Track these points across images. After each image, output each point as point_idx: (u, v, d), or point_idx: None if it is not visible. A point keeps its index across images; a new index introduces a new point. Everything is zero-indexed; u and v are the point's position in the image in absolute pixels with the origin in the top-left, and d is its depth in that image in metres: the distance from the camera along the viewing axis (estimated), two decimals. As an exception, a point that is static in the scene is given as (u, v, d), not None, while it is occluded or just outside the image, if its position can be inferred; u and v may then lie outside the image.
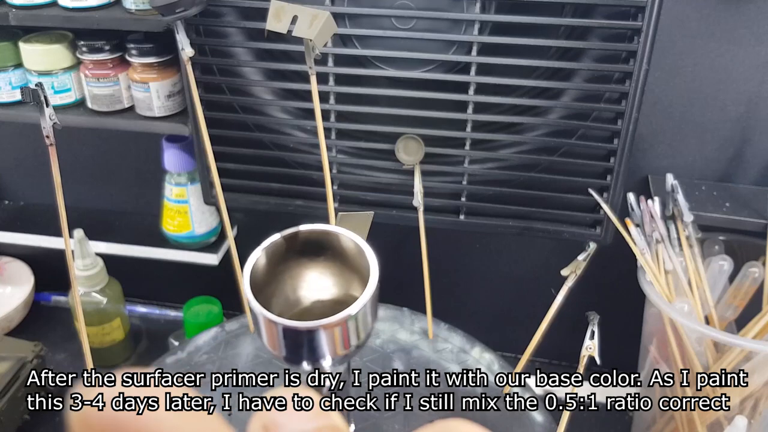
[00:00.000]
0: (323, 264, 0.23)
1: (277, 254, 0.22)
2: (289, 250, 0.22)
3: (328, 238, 0.22)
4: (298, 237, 0.22)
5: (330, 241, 0.22)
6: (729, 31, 0.67)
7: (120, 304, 0.86)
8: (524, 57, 0.64)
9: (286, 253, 0.22)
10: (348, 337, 0.20)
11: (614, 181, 0.68)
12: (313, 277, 0.23)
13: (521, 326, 0.71)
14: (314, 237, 0.22)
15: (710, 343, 0.64)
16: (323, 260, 0.23)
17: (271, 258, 0.22)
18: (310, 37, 0.54)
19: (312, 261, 0.23)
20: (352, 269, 0.22)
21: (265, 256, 0.21)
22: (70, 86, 0.75)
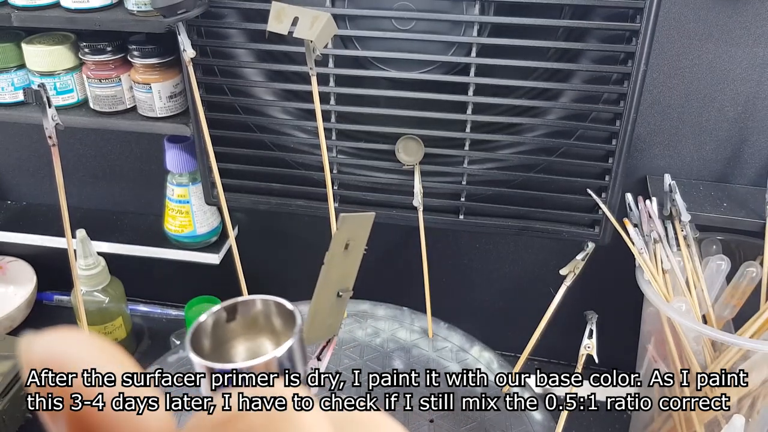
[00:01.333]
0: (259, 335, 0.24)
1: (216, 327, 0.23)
2: (228, 321, 0.24)
3: (260, 308, 0.24)
4: (236, 309, 0.23)
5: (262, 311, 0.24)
6: (726, 33, 0.67)
7: (122, 303, 0.86)
8: (523, 58, 0.65)
9: (225, 325, 0.24)
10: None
11: (612, 182, 0.68)
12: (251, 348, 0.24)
13: (520, 325, 0.71)
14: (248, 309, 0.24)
15: (708, 342, 0.64)
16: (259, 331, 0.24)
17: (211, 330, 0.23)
18: (311, 39, 0.54)
19: (248, 332, 0.24)
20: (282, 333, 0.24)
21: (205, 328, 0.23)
22: (73, 87, 0.75)
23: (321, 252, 0.39)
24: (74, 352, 0.14)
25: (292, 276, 0.89)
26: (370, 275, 0.68)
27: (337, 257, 0.38)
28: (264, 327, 0.23)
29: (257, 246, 0.91)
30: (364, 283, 0.71)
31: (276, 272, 0.92)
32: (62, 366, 0.14)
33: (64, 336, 0.15)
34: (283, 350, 0.20)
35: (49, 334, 0.14)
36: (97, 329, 0.85)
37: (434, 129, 0.69)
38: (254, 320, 0.23)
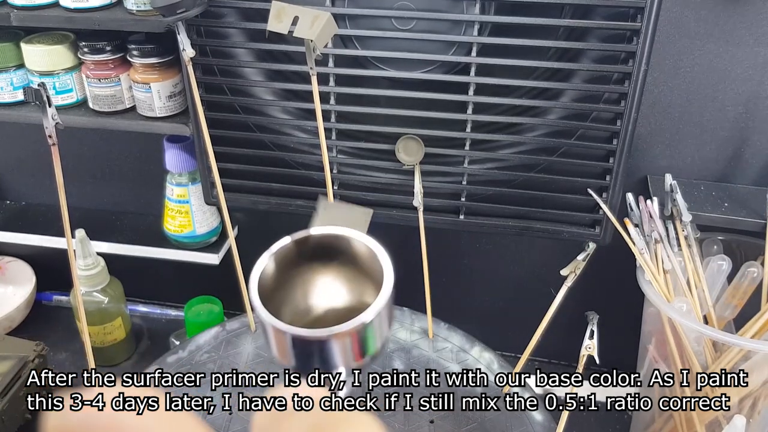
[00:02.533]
0: (335, 269, 0.22)
1: (286, 259, 0.21)
2: (299, 254, 0.21)
3: (340, 242, 0.21)
4: (308, 241, 0.21)
5: (342, 245, 0.21)
6: (728, 32, 0.67)
7: (121, 303, 0.86)
8: (524, 58, 0.65)
9: (296, 258, 0.21)
10: (362, 347, 0.19)
11: (613, 182, 0.68)
12: (325, 284, 0.22)
13: (521, 326, 0.71)
14: (325, 241, 0.21)
15: (709, 342, 0.64)
16: (335, 265, 0.22)
17: (280, 263, 0.21)
18: (311, 38, 0.54)
19: (323, 266, 0.21)
20: (365, 275, 0.21)
21: (273, 261, 0.20)
22: (72, 87, 0.75)
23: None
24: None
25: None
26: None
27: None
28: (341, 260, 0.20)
29: (257, 246, 0.90)
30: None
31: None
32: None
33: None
34: (372, 314, 0.18)
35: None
36: (96, 329, 0.85)
37: (434, 129, 0.69)
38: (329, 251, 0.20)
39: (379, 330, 0.19)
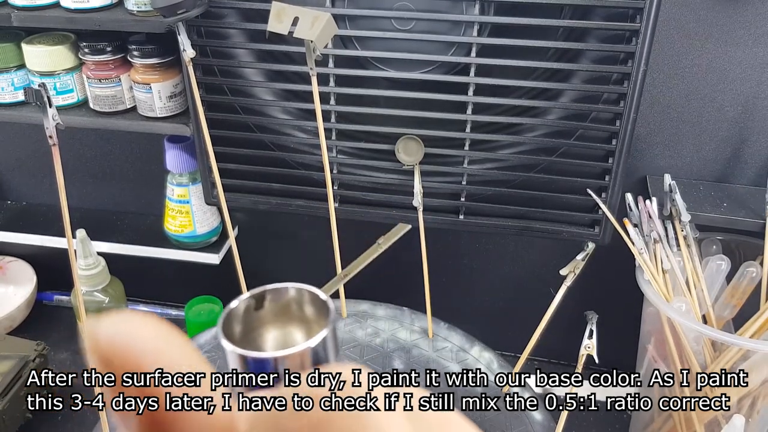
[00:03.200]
0: (289, 323, 0.24)
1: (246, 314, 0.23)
2: (257, 309, 0.23)
3: (291, 296, 0.23)
4: (264, 297, 0.23)
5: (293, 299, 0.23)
6: (726, 33, 0.67)
7: (122, 303, 0.86)
8: (523, 58, 0.65)
9: (254, 314, 0.23)
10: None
11: (612, 182, 0.68)
12: (280, 335, 0.24)
13: (520, 325, 0.71)
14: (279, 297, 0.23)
15: (708, 342, 0.64)
16: (290, 318, 0.24)
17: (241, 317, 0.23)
18: (311, 39, 0.54)
19: (278, 320, 0.24)
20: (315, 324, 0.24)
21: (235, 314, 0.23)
22: (73, 87, 0.75)
23: (321, 252, 0.39)
24: (142, 342, 0.14)
25: (292, 276, 0.89)
26: (370, 275, 0.68)
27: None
28: (294, 316, 0.23)
29: (257, 246, 0.91)
30: (365, 283, 0.71)
31: (276, 272, 0.92)
32: (129, 356, 0.14)
33: (129, 322, 0.14)
34: (317, 340, 0.20)
35: (113, 319, 0.14)
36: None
37: (434, 129, 0.69)
38: (284, 308, 0.23)
39: (326, 359, 0.22)
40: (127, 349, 0.14)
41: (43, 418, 0.79)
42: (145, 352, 0.14)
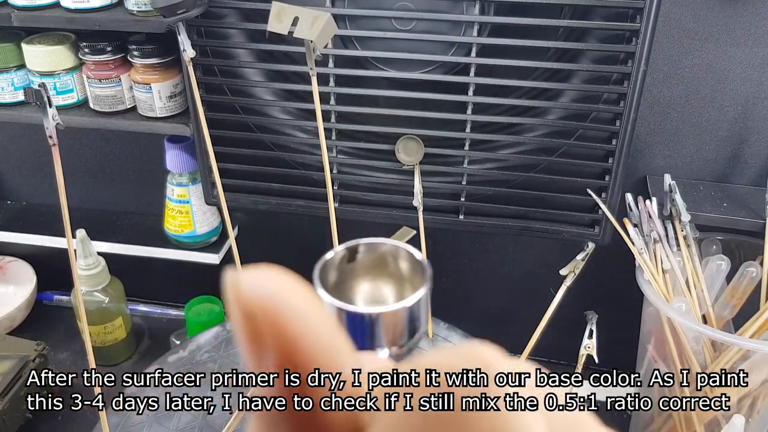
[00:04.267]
0: (380, 277, 0.24)
1: (338, 266, 0.23)
2: (349, 261, 0.24)
3: (385, 251, 0.24)
4: (357, 250, 0.24)
5: (387, 254, 0.24)
6: (726, 33, 0.67)
7: (122, 303, 0.86)
8: (523, 58, 0.65)
9: (346, 266, 0.24)
10: (403, 331, 0.22)
11: (612, 182, 0.68)
12: (370, 289, 0.25)
13: (520, 325, 0.71)
14: (372, 251, 0.24)
15: (708, 342, 0.64)
16: (380, 273, 0.24)
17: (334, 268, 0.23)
18: (311, 39, 0.54)
19: (369, 273, 0.24)
20: (407, 282, 0.24)
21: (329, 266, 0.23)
22: (73, 87, 0.75)
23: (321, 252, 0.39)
24: (284, 300, 0.13)
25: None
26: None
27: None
28: (386, 271, 0.23)
29: (257, 246, 0.91)
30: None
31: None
32: (270, 314, 0.13)
33: (272, 278, 0.13)
34: (414, 300, 0.21)
35: (255, 271, 0.13)
36: (97, 329, 0.85)
37: (434, 129, 0.69)
38: (376, 263, 0.23)
39: (418, 319, 0.22)
40: (269, 306, 0.13)
41: (43, 418, 0.79)
42: (287, 311, 0.13)
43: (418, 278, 0.22)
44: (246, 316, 0.13)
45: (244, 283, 0.13)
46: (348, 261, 0.23)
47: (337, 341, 0.14)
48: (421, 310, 0.21)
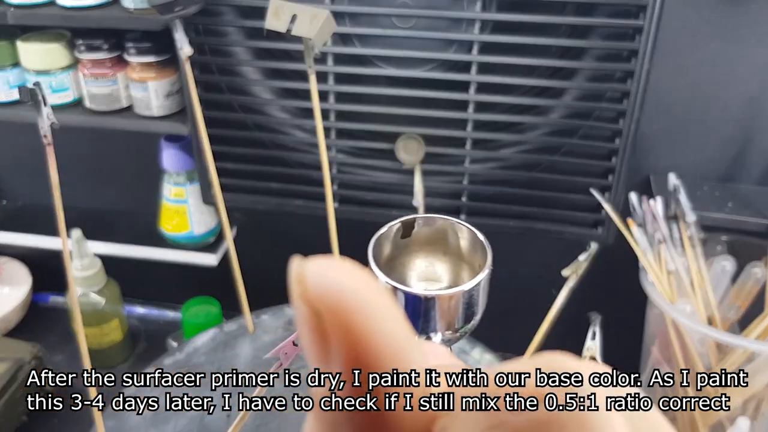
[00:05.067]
0: (435, 253, 0.23)
1: (392, 241, 0.22)
2: (404, 237, 0.23)
3: (443, 227, 0.23)
4: (413, 225, 0.22)
5: (444, 230, 0.23)
6: (731, 31, 0.67)
7: (118, 304, 0.86)
8: (525, 56, 0.64)
9: (400, 240, 0.23)
10: (460, 316, 0.21)
11: (616, 181, 0.67)
12: (424, 266, 0.24)
13: (522, 327, 0.70)
14: (429, 226, 0.23)
15: (713, 344, 0.64)
16: (436, 249, 0.23)
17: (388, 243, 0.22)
18: (310, 36, 0.53)
19: (424, 250, 0.23)
20: (464, 260, 0.23)
21: (383, 240, 0.22)
22: (68, 85, 0.75)
23: (320, 252, 0.38)
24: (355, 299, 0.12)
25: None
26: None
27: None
28: (441, 248, 0.22)
29: (256, 246, 0.90)
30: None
31: (275, 272, 0.91)
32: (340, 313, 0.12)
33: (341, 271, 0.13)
34: (473, 284, 0.20)
35: (322, 263, 0.13)
36: (93, 331, 0.84)
37: (435, 128, 0.69)
38: (432, 239, 0.22)
39: (476, 304, 0.21)
40: (338, 302, 0.12)
41: (40, 419, 0.79)
42: (358, 312, 0.12)
43: (477, 258, 0.21)
44: (313, 312, 0.12)
45: (311, 276, 0.12)
46: (403, 236, 0.22)
47: (409, 340, 0.13)
48: (480, 294, 0.20)
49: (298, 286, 0.12)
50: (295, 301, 0.13)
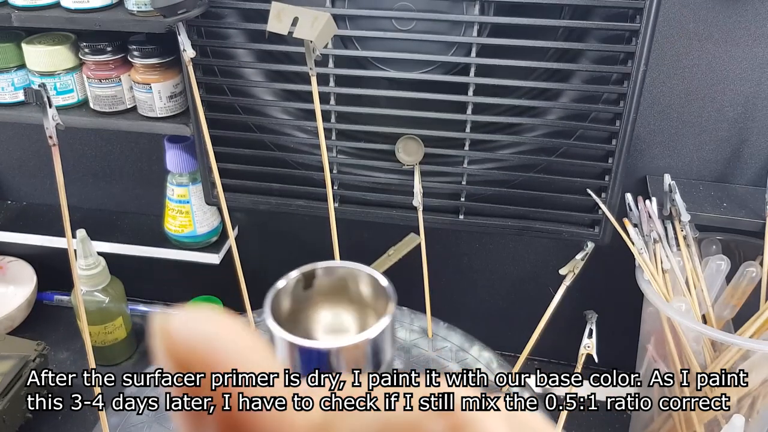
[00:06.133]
0: (341, 303, 0.23)
1: (293, 294, 0.22)
2: (306, 288, 0.22)
3: (343, 275, 0.22)
4: (314, 275, 0.22)
5: (345, 278, 0.22)
6: (726, 33, 0.67)
7: (122, 303, 0.86)
8: (523, 58, 0.65)
9: (303, 293, 0.22)
10: (367, 364, 0.20)
11: (612, 182, 0.68)
12: (331, 317, 0.23)
13: (520, 325, 0.71)
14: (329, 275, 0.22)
15: (708, 342, 0.64)
16: (340, 298, 0.23)
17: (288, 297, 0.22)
18: (311, 39, 0.54)
19: (328, 300, 0.23)
20: (370, 307, 0.22)
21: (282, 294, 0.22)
22: (73, 87, 0.75)
23: (321, 252, 0.39)
24: (217, 339, 0.13)
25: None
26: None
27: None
28: (346, 296, 0.21)
29: (257, 246, 0.91)
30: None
31: (276, 272, 0.92)
32: (207, 361, 0.13)
33: (201, 318, 0.13)
34: (377, 331, 0.19)
35: (186, 315, 0.13)
36: (97, 329, 0.85)
37: (434, 129, 0.69)
38: (336, 288, 0.21)
39: (382, 351, 0.20)
40: (205, 351, 0.13)
41: (43, 418, 0.79)
42: (225, 356, 0.13)
43: (382, 303, 0.20)
44: (179, 363, 0.13)
45: (175, 329, 0.13)
46: (304, 287, 0.21)
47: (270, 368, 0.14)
48: (385, 340, 0.19)
49: (163, 338, 0.13)
50: (159, 352, 0.13)
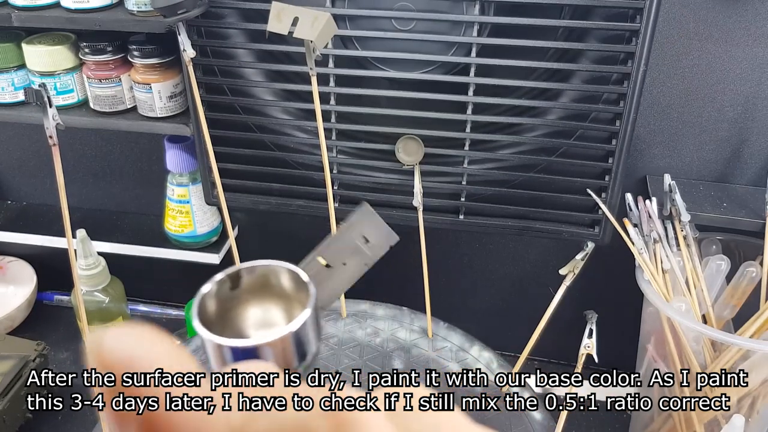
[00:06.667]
0: (269, 298, 0.23)
1: (220, 295, 0.23)
2: (233, 288, 0.23)
3: (264, 273, 0.23)
4: (240, 275, 0.23)
5: (266, 275, 0.23)
6: (726, 33, 0.67)
7: (122, 303, 0.86)
8: (523, 58, 0.65)
9: (230, 293, 0.23)
10: (292, 356, 0.21)
11: (612, 182, 0.68)
12: (260, 313, 0.24)
13: (520, 325, 0.71)
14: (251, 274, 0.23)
15: (708, 342, 0.64)
16: (268, 294, 0.23)
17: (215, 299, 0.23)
18: (311, 39, 0.54)
19: (255, 298, 0.23)
20: (294, 300, 0.23)
21: (209, 297, 0.22)
22: (73, 87, 0.75)
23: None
24: (144, 352, 0.14)
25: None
26: (369, 275, 0.68)
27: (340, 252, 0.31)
28: (273, 293, 0.22)
29: (257, 246, 0.91)
30: (364, 282, 0.71)
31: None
32: (133, 365, 0.14)
33: (131, 335, 0.14)
34: (299, 324, 0.20)
35: (115, 331, 0.14)
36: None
37: (434, 129, 0.69)
38: (262, 286, 0.22)
39: (308, 342, 0.21)
40: (129, 360, 0.14)
41: (43, 418, 0.79)
42: (147, 363, 0.14)
43: (303, 296, 0.21)
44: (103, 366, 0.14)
45: (104, 344, 0.14)
46: (231, 288, 0.22)
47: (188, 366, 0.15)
48: (308, 331, 0.20)
49: (94, 354, 0.14)
50: (89, 363, 0.14)
